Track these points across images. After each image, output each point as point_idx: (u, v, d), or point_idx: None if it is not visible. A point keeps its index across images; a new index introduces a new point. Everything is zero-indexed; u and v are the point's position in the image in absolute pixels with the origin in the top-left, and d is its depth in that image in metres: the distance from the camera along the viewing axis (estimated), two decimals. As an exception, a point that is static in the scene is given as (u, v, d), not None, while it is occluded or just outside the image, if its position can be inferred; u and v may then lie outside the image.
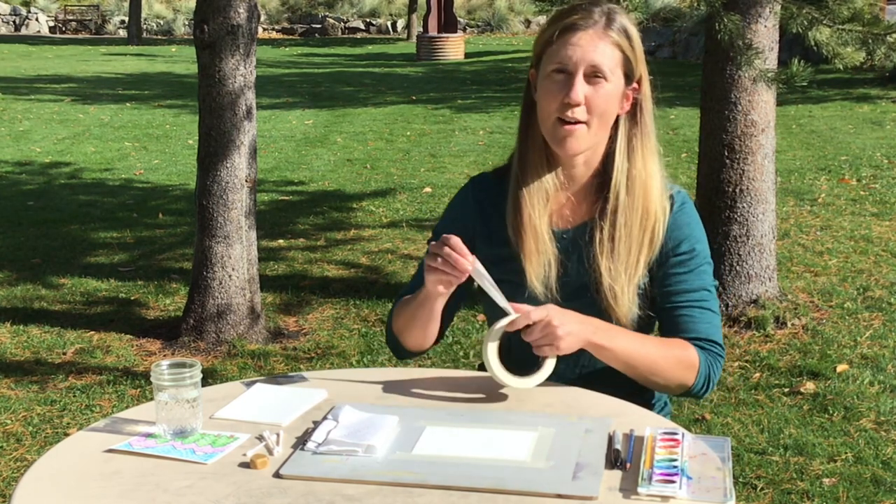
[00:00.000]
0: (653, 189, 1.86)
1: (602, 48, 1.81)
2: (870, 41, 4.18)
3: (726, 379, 4.06)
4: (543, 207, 1.87)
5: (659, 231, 1.85)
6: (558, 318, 1.71)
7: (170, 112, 13.49)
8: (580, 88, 1.79)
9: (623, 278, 1.84)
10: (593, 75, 1.80)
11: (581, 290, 1.86)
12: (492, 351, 1.75)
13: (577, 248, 1.88)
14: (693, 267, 1.87)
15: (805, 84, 4.08)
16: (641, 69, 1.88)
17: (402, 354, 2.02)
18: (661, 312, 1.89)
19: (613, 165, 1.87)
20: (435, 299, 1.81)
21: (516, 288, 1.88)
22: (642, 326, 1.89)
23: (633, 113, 1.89)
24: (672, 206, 1.87)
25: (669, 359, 1.80)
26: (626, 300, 1.84)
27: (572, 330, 1.72)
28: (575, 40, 1.80)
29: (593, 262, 1.85)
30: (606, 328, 1.78)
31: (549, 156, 1.88)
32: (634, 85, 1.88)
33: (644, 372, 1.79)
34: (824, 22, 4.12)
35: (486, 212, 1.95)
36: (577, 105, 1.80)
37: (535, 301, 1.84)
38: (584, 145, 1.84)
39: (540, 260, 1.86)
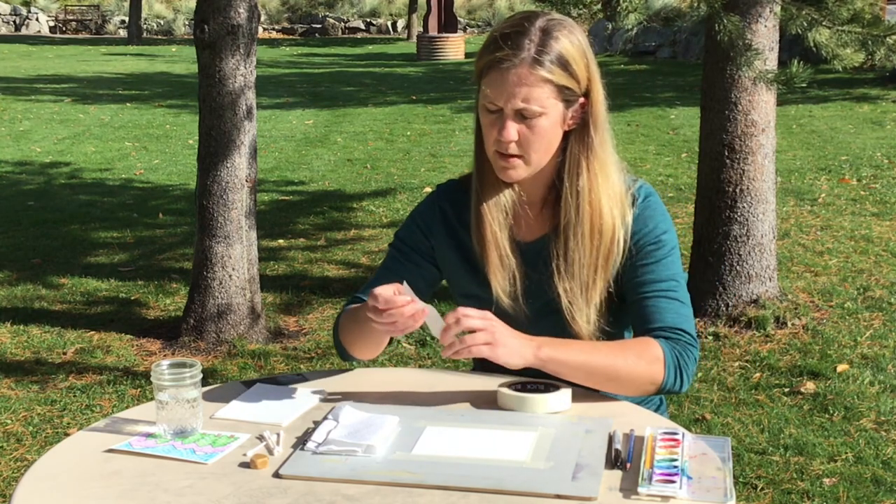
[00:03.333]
0: (602, 206, 1.80)
1: (529, 89, 1.73)
2: (869, 42, 4.17)
3: (726, 379, 4.06)
4: (504, 221, 1.85)
5: (616, 249, 1.81)
6: (499, 323, 1.67)
7: (170, 112, 13.48)
8: (511, 129, 1.75)
9: (580, 299, 1.81)
10: (523, 116, 1.75)
11: (548, 306, 1.84)
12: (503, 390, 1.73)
13: (539, 260, 1.85)
14: (659, 257, 1.82)
15: (805, 85, 4.08)
16: (589, 84, 1.79)
17: (349, 359, 1.96)
18: (630, 306, 1.84)
19: (563, 184, 1.82)
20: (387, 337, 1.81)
21: (484, 304, 1.86)
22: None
23: (582, 129, 1.81)
24: (635, 202, 1.83)
25: (628, 358, 1.73)
26: (584, 319, 1.82)
27: (510, 343, 1.66)
28: (501, 81, 1.73)
29: (551, 281, 1.83)
30: (553, 341, 1.71)
31: None
32: (581, 101, 1.79)
33: (604, 379, 1.72)
34: (824, 23, 4.12)
35: (450, 223, 1.93)
36: (510, 143, 1.76)
37: (505, 316, 1.82)
38: (525, 174, 1.81)
39: (504, 274, 1.84)
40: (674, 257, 1.84)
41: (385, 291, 1.64)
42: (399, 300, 1.63)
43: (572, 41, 1.76)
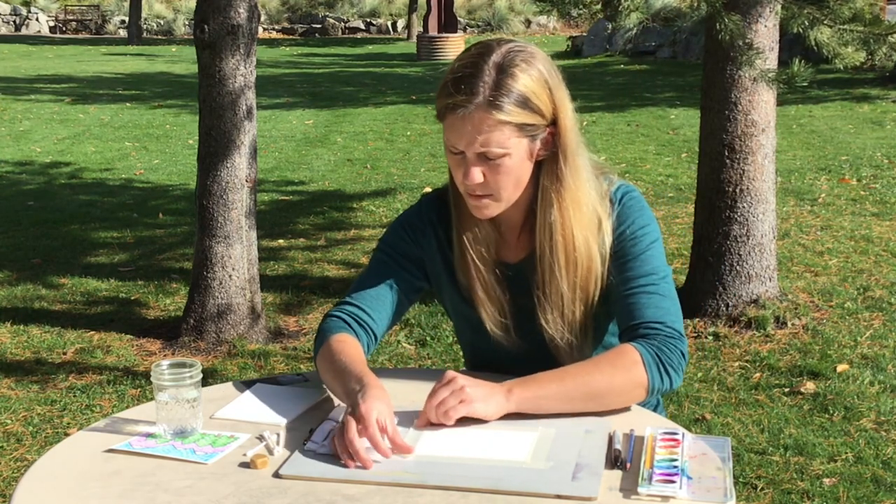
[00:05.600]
0: (576, 237, 1.76)
1: (488, 135, 1.67)
2: (871, 41, 4.17)
3: (726, 379, 4.06)
4: (486, 250, 1.83)
5: (595, 277, 1.78)
6: (462, 378, 1.62)
7: (170, 112, 13.49)
8: (475, 173, 1.71)
9: (562, 328, 1.80)
10: (487, 157, 1.70)
11: (538, 335, 1.83)
12: None
13: (524, 284, 1.84)
14: (637, 253, 1.78)
15: (805, 84, 4.08)
16: (555, 112, 1.72)
17: None
18: (613, 306, 1.81)
19: (536, 216, 1.79)
20: None
21: (474, 323, 1.86)
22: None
23: (552, 158, 1.75)
24: (612, 206, 1.80)
25: (603, 371, 1.66)
26: (567, 347, 1.81)
27: (480, 396, 1.61)
28: (458, 129, 1.68)
29: (534, 310, 1.81)
30: (521, 381, 1.64)
31: None
32: (549, 131, 1.73)
33: (586, 399, 1.64)
34: (825, 22, 4.12)
35: (440, 238, 1.90)
36: (476, 185, 1.73)
37: (498, 345, 1.84)
38: (496, 211, 1.78)
39: (493, 306, 1.83)
40: (654, 251, 1.79)
41: (378, 430, 1.53)
42: (384, 447, 1.52)
43: (531, 74, 1.69)
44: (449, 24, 23.78)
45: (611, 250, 1.79)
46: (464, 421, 1.63)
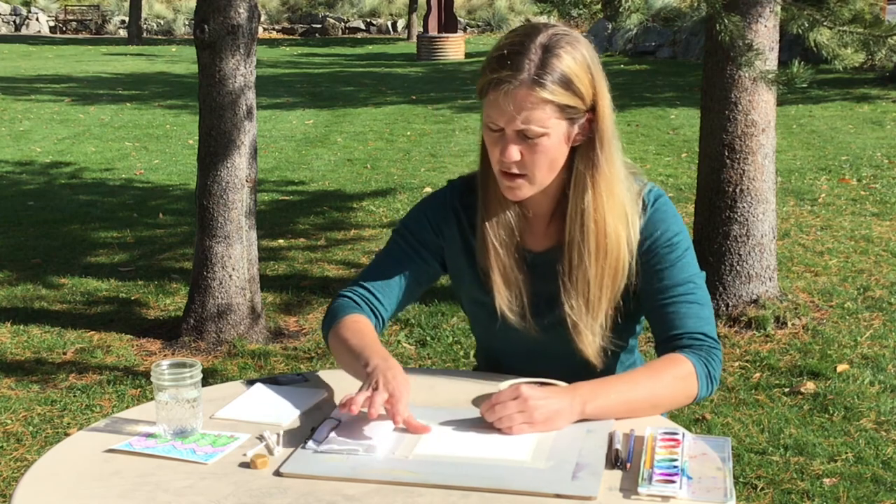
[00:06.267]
0: (608, 225, 1.77)
1: (530, 112, 1.69)
2: (871, 43, 4.17)
3: (726, 379, 4.06)
4: (509, 238, 1.83)
5: (622, 267, 1.79)
6: (532, 391, 1.61)
7: (170, 112, 13.48)
8: (513, 150, 1.72)
9: (586, 316, 1.80)
10: (525, 136, 1.71)
11: (556, 319, 1.84)
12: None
13: (549, 271, 1.84)
14: (674, 261, 1.80)
15: (805, 85, 4.08)
16: (594, 99, 1.75)
17: None
18: (649, 313, 1.84)
19: (569, 201, 1.79)
20: None
21: (490, 310, 1.86)
22: (614, 352, 1.87)
23: (588, 145, 1.77)
24: (645, 208, 1.81)
25: (665, 382, 1.72)
26: (589, 337, 1.81)
27: (560, 407, 1.61)
28: (502, 101, 1.69)
29: (559, 297, 1.82)
30: (592, 391, 1.66)
31: None
32: (587, 116, 1.75)
33: (648, 408, 1.69)
34: (825, 23, 4.12)
35: (462, 227, 1.90)
36: (513, 163, 1.74)
37: (513, 330, 1.83)
38: (529, 193, 1.79)
39: (509, 291, 1.83)
40: (688, 258, 1.82)
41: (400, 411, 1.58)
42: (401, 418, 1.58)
43: (575, 57, 1.71)
44: (449, 24, 23.78)
45: (638, 249, 1.80)
46: (464, 421, 1.63)
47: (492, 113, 1.72)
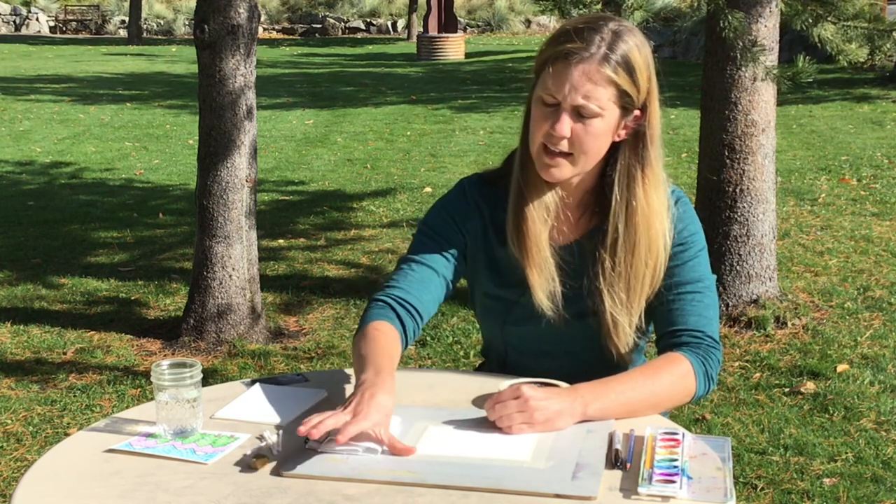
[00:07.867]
0: (654, 222, 1.78)
1: (593, 87, 1.71)
2: (875, 37, 4.17)
3: (726, 379, 4.06)
4: (545, 223, 1.83)
5: (661, 263, 1.80)
6: (533, 391, 1.60)
7: (170, 112, 13.49)
8: (566, 124, 1.72)
9: (624, 311, 1.81)
10: (580, 114, 1.73)
11: (584, 312, 1.84)
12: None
13: (572, 264, 1.84)
14: (686, 259, 1.82)
15: (810, 81, 4.08)
16: (647, 98, 1.79)
17: None
18: (655, 308, 1.84)
19: (612, 194, 1.80)
20: None
21: (511, 306, 1.86)
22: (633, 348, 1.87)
23: (636, 141, 1.80)
24: (669, 207, 1.83)
25: (664, 382, 1.71)
26: (625, 332, 1.82)
27: (561, 408, 1.61)
28: (566, 74, 1.71)
29: (595, 290, 1.81)
30: (593, 392, 1.65)
31: None
32: (636, 113, 1.79)
33: (647, 408, 1.70)
34: (829, 18, 4.12)
35: (485, 222, 1.89)
36: (562, 138, 1.74)
37: (537, 317, 1.82)
38: (567, 175, 1.79)
39: (545, 275, 1.82)
40: (701, 259, 1.84)
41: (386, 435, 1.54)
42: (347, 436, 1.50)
43: (641, 51, 1.77)
44: (449, 24, 23.78)
45: (669, 247, 1.82)
46: (465, 421, 1.64)
47: (553, 85, 1.73)
